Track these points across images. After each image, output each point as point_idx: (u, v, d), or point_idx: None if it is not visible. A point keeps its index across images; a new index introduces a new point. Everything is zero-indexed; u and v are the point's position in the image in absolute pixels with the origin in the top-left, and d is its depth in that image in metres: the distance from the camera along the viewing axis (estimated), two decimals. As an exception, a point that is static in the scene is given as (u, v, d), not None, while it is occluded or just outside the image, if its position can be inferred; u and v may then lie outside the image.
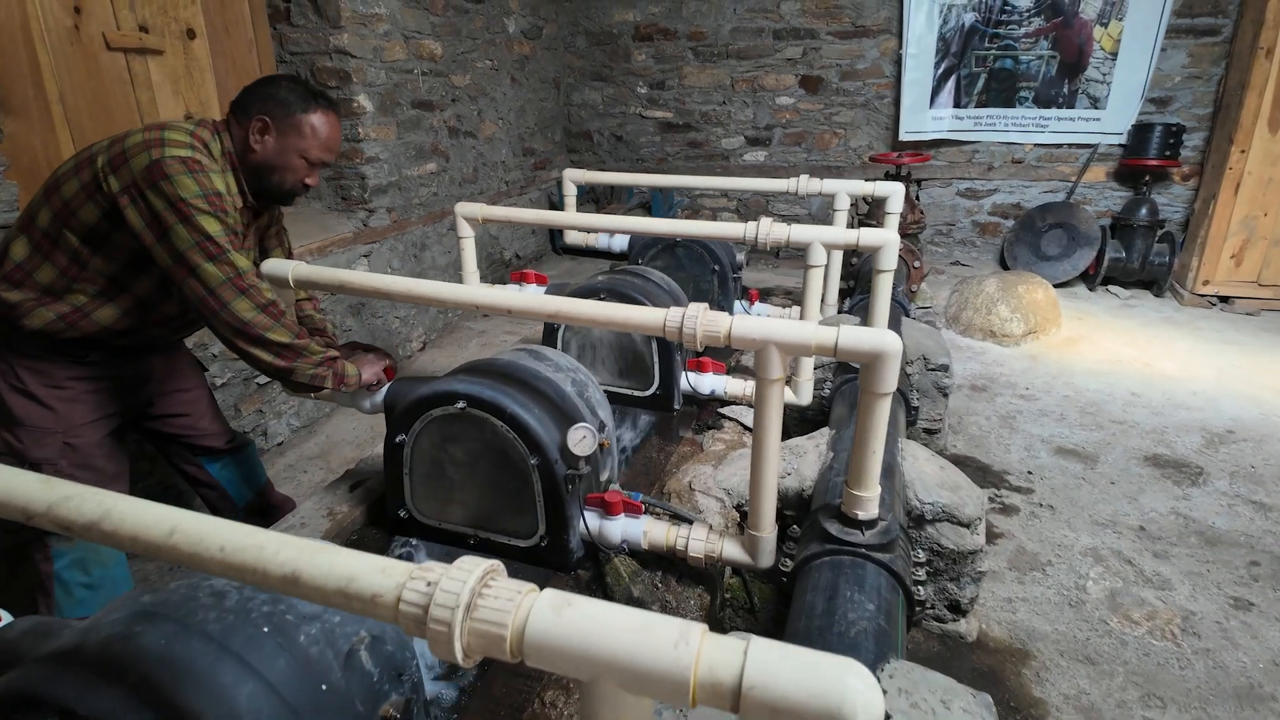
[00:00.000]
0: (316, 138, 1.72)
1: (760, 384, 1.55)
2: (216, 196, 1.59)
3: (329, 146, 1.76)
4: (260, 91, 1.71)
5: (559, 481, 1.71)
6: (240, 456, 2.24)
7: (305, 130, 1.70)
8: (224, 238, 1.59)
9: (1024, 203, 5.02)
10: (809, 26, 4.98)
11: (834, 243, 2.37)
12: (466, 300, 1.73)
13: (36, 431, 1.76)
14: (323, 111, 1.73)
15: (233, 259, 1.61)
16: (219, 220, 1.59)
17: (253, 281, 1.65)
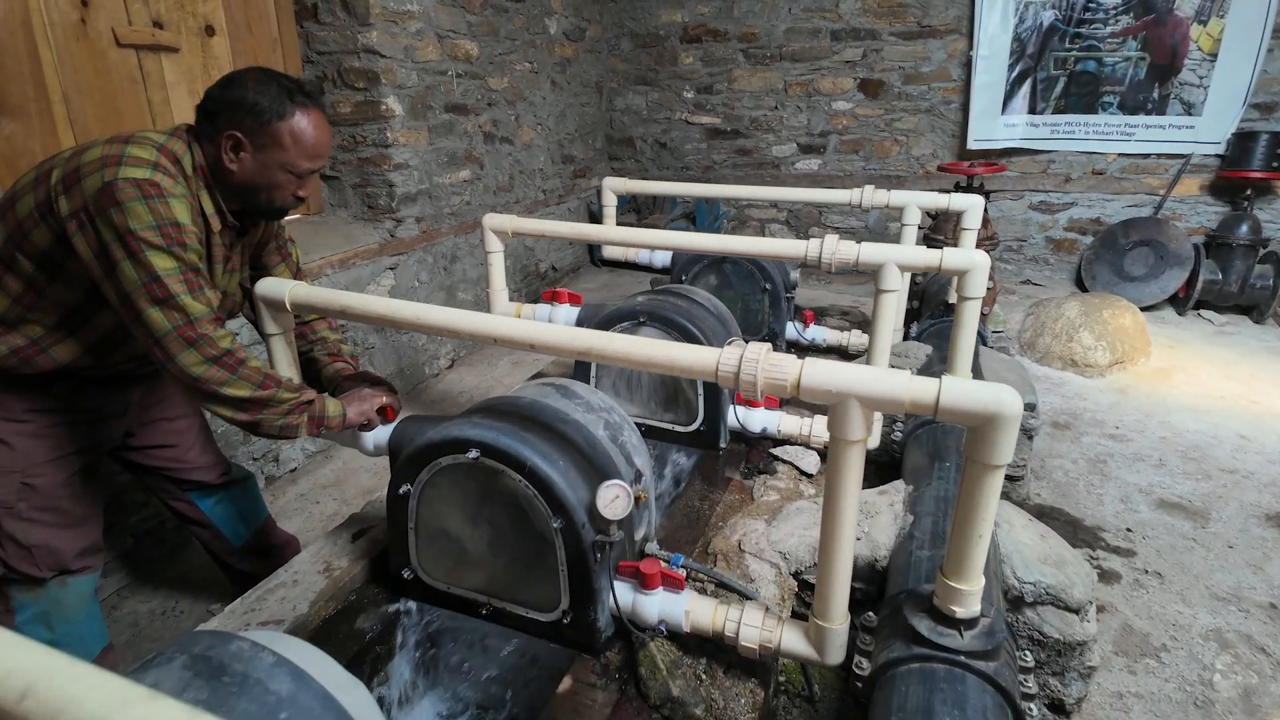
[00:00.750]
0: (300, 146, 1.45)
1: (835, 445, 1.25)
2: (174, 228, 1.34)
3: (316, 153, 1.48)
4: (226, 96, 1.41)
5: (586, 549, 1.44)
6: (236, 491, 2.01)
7: (285, 140, 1.43)
8: (176, 277, 1.35)
9: (1105, 218, 4.59)
10: (870, 27, 4.65)
11: (911, 264, 2.05)
12: (483, 332, 1.47)
13: None
14: (302, 111, 1.44)
15: (183, 303, 1.36)
16: (172, 256, 1.35)
17: (204, 331, 1.40)
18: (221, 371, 1.43)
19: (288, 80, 1.45)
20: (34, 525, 1.57)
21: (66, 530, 1.62)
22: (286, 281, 1.64)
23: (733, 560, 1.82)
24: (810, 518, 1.89)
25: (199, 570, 2.36)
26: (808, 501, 1.98)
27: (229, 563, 2.08)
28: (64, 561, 1.62)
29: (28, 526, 1.57)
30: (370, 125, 3.17)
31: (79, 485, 1.63)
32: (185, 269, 1.36)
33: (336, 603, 1.67)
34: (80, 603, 1.68)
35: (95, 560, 1.70)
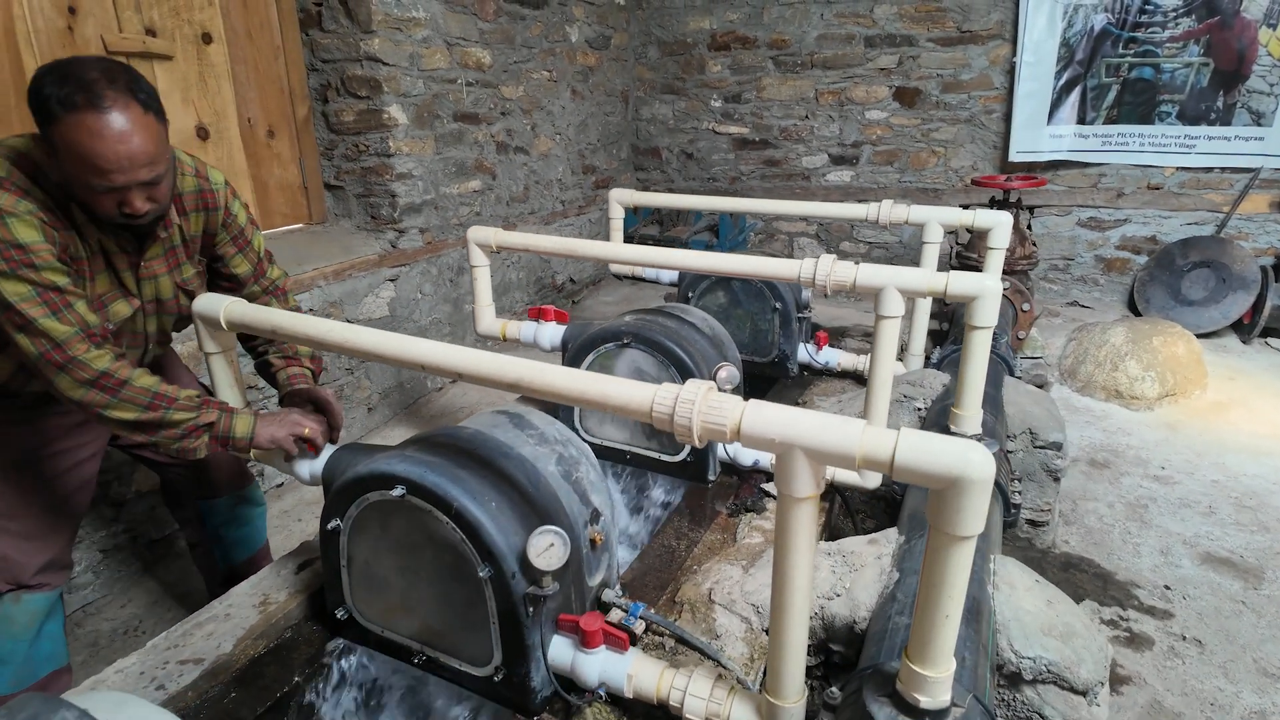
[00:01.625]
0: (78, 159, 1.21)
1: (782, 501, 1.09)
2: (16, 250, 1.24)
3: (100, 167, 1.21)
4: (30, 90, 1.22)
5: (516, 601, 1.31)
6: (245, 514, 1.98)
7: (63, 149, 1.21)
8: (31, 301, 1.27)
9: (1161, 236, 4.26)
10: (906, 32, 4.42)
11: (913, 289, 1.85)
12: (408, 357, 1.35)
13: None
14: (73, 116, 1.18)
15: (44, 328, 1.28)
16: (21, 280, 1.25)
17: (73, 354, 1.31)
18: (101, 394, 1.34)
19: (83, 72, 1.20)
20: None
21: (27, 543, 1.56)
22: (222, 298, 1.55)
23: (700, 611, 1.65)
24: (790, 567, 1.71)
25: (171, 587, 2.30)
26: (791, 547, 1.80)
27: (212, 589, 2.03)
28: (19, 575, 1.56)
29: None
30: (373, 134, 3.11)
31: (50, 494, 1.57)
32: (41, 290, 1.27)
33: (268, 640, 1.56)
34: (32, 621, 1.62)
35: (56, 578, 1.63)
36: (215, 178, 1.58)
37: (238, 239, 1.66)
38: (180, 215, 1.53)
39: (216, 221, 1.60)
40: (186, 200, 1.53)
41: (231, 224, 1.64)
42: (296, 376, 1.70)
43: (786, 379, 2.95)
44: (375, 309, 3.17)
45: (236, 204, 1.64)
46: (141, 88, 1.25)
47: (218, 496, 1.90)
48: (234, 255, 1.67)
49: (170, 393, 1.41)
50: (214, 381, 1.64)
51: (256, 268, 1.70)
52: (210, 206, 1.57)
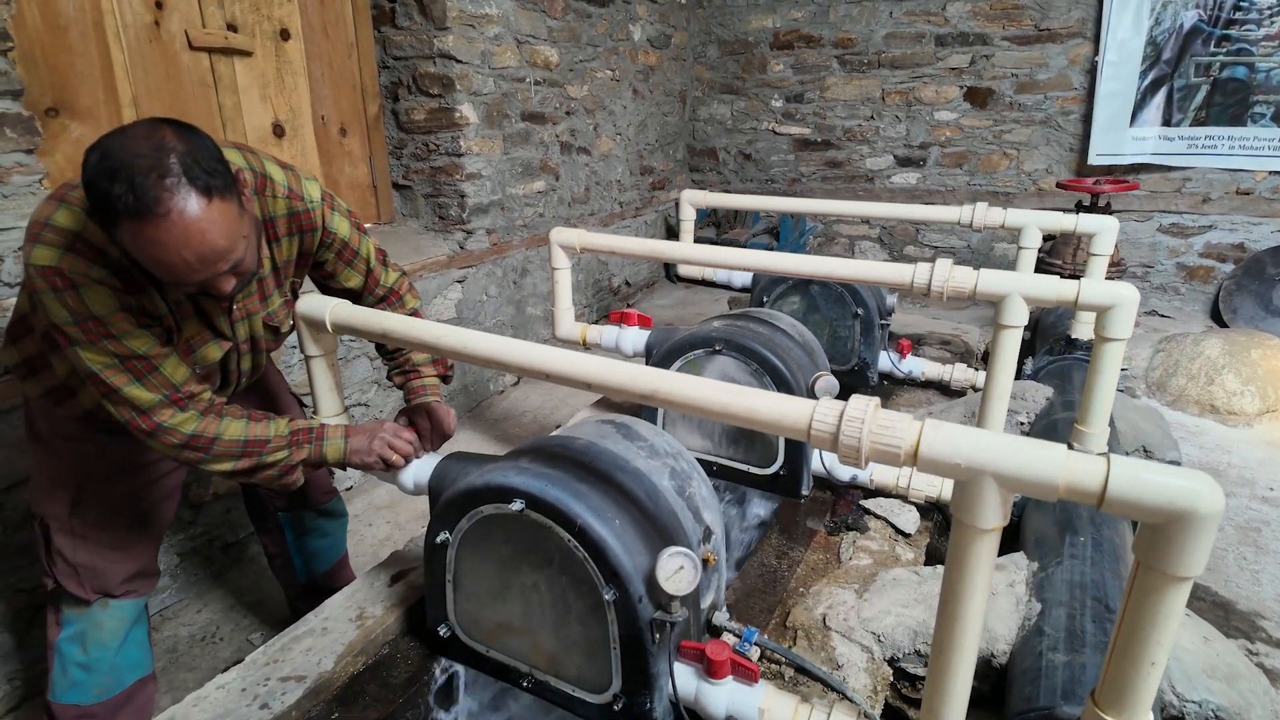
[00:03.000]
0: (147, 262, 1.08)
1: (961, 531, 0.99)
2: (92, 322, 1.15)
3: (175, 274, 1.09)
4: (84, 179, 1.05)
5: (642, 627, 1.22)
6: (326, 525, 1.93)
7: (130, 248, 1.08)
8: (113, 369, 1.20)
9: (1250, 243, 4.06)
10: (980, 31, 4.28)
11: (1040, 297, 1.74)
12: (534, 366, 1.27)
13: (48, 482, 1.47)
14: (135, 224, 1.03)
15: (128, 396, 1.22)
16: (101, 351, 1.19)
17: (159, 420, 1.26)
18: (193, 453, 1.30)
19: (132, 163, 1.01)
20: (83, 543, 1.48)
21: (115, 552, 1.52)
22: (328, 300, 1.49)
23: (816, 639, 1.56)
24: (910, 592, 1.61)
25: (245, 593, 2.26)
26: (906, 570, 1.70)
27: (290, 598, 2.00)
28: (107, 585, 1.52)
29: (77, 543, 1.48)
30: (444, 133, 3.07)
31: (138, 503, 1.53)
32: (122, 359, 1.21)
33: (367, 657, 1.50)
34: (119, 627, 1.58)
35: (144, 585, 1.59)
36: (310, 193, 1.42)
37: (343, 253, 1.54)
38: (271, 241, 1.40)
39: (313, 242, 1.48)
40: (279, 225, 1.39)
41: (333, 242, 1.51)
42: (416, 391, 1.64)
43: (866, 389, 2.84)
44: (444, 310, 3.12)
45: (335, 217, 1.49)
46: (202, 167, 1.06)
47: (301, 509, 1.85)
48: (343, 270, 1.56)
49: (261, 435, 1.35)
50: (313, 386, 1.58)
51: (368, 278, 1.60)
52: (306, 228, 1.44)
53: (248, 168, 1.32)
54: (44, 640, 1.59)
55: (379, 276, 1.62)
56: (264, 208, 1.36)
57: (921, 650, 1.50)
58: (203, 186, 1.06)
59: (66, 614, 1.53)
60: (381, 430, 1.49)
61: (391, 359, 1.69)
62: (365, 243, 1.57)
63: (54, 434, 1.42)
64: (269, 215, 1.37)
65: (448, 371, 1.73)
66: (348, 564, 2.02)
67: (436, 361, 1.70)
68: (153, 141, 1.04)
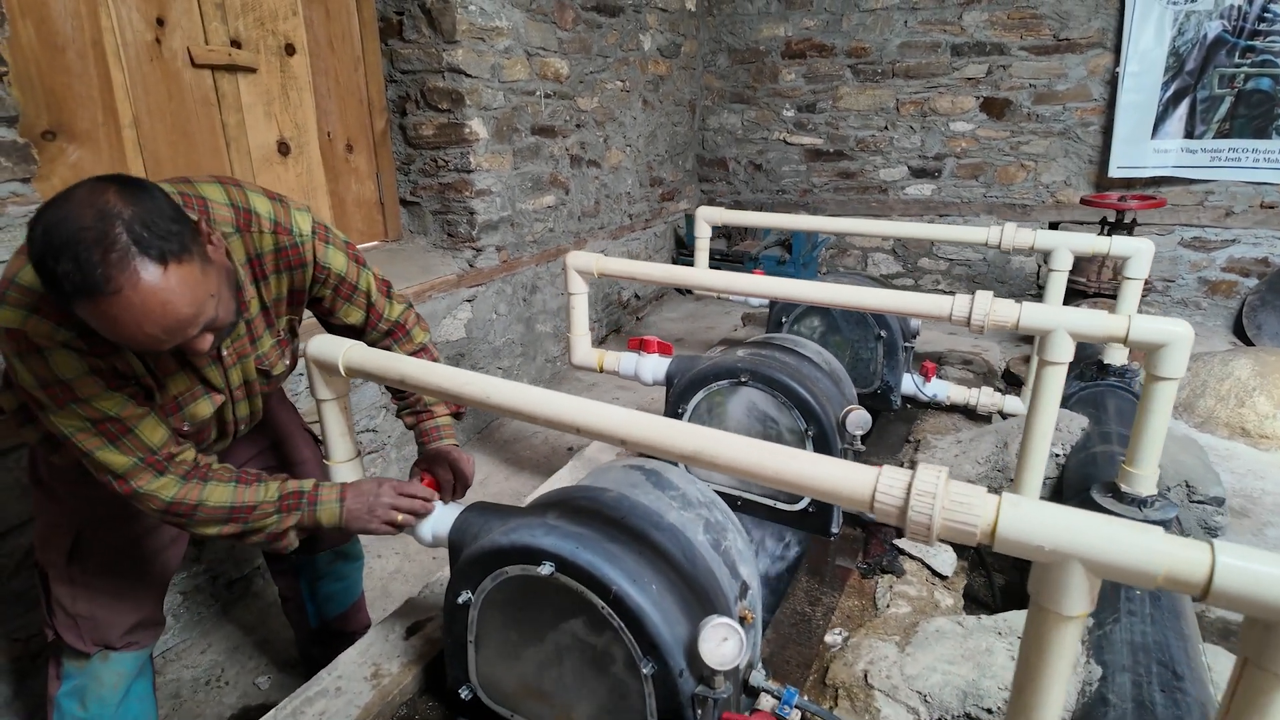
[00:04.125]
0: (109, 335, 0.99)
1: (1041, 617, 0.90)
2: (60, 387, 1.07)
3: (138, 346, 1.01)
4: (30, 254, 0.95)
5: (683, 703, 1.14)
6: (342, 569, 1.84)
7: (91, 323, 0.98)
8: (85, 433, 1.13)
9: (1274, 258, 3.98)
10: (997, 40, 4.19)
11: (1086, 333, 1.66)
12: (565, 419, 1.18)
13: (48, 528, 1.39)
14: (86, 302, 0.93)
15: (101, 461, 1.15)
16: (71, 414, 1.11)
17: (136, 485, 1.18)
18: (175, 518, 1.22)
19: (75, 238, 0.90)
20: (82, 592, 1.39)
21: (117, 601, 1.43)
22: (342, 342, 1.40)
23: (858, 698, 1.47)
24: (955, 647, 1.52)
25: (251, 631, 2.18)
26: (949, 620, 1.61)
27: (302, 642, 1.91)
28: (107, 637, 1.43)
29: (76, 592, 1.39)
30: (453, 149, 2.98)
31: (141, 550, 1.44)
32: (94, 422, 1.12)
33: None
34: (120, 681, 1.49)
35: (146, 636, 1.51)
36: (299, 226, 1.31)
37: (340, 288, 1.43)
38: (259, 279, 1.29)
39: (305, 278, 1.37)
40: (266, 261, 1.28)
41: (328, 277, 1.40)
42: (430, 434, 1.55)
43: (890, 412, 2.76)
44: (453, 330, 3.03)
45: (329, 251, 1.37)
46: (153, 231, 0.94)
47: (316, 552, 1.76)
48: (342, 306, 1.46)
49: (249, 500, 1.26)
50: (325, 431, 1.49)
51: (369, 313, 1.50)
52: (295, 264, 1.33)
53: (228, 204, 1.22)
54: (42, 692, 1.52)
55: (381, 310, 1.51)
56: (249, 244, 1.25)
57: (971, 713, 1.42)
58: (156, 254, 0.94)
59: (67, 667, 1.45)
60: (382, 492, 1.39)
61: (402, 397, 1.60)
62: (365, 275, 1.46)
63: (54, 478, 1.34)
64: (255, 252, 1.27)
65: (460, 409, 1.64)
66: (363, 606, 1.93)
67: None
68: (95, 209, 0.92)
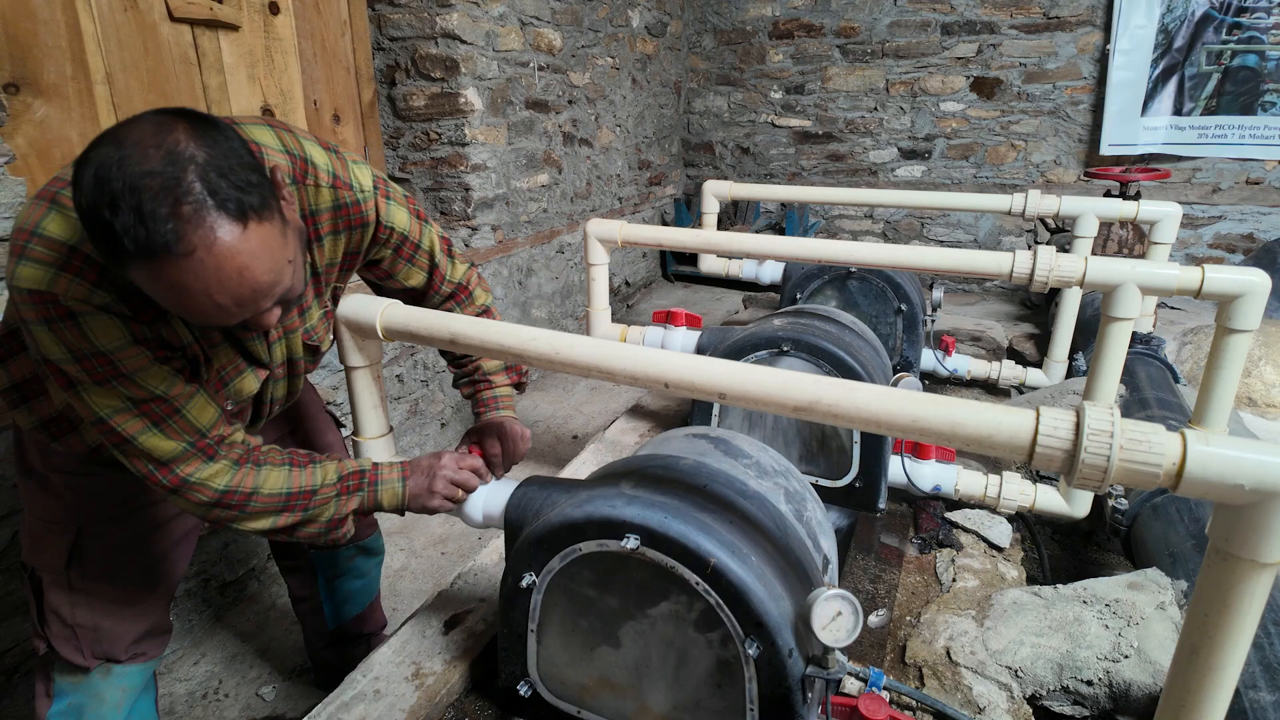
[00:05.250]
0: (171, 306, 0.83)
1: (1232, 566, 0.81)
2: (98, 359, 0.90)
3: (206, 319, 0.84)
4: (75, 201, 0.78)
5: (791, 685, 1.02)
6: (361, 565, 1.68)
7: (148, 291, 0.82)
8: (126, 414, 0.95)
9: (1259, 233, 4.03)
10: (987, 19, 4.18)
11: (1157, 286, 1.59)
12: (655, 375, 1.05)
13: (42, 526, 1.20)
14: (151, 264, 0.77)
15: (144, 447, 0.97)
16: (109, 392, 0.93)
17: (183, 474, 1.00)
18: (226, 511, 1.05)
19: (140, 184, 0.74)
20: (84, 598, 1.21)
21: (124, 608, 1.25)
22: (377, 301, 1.25)
23: (945, 677, 1.37)
24: (1040, 618, 1.43)
25: (250, 639, 1.99)
26: (1024, 593, 1.52)
27: (313, 645, 1.74)
28: (112, 648, 1.24)
29: (76, 599, 1.21)
30: (447, 120, 2.82)
31: (149, 550, 1.26)
32: (137, 402, 0.95)
33: (430, 725, 1.27)
34: (124, 699, 1.30)
35: (154, 646, 1.32)
36: (359, 180, 1.14)
37: (402, 248, 1.27)
38: (312, 241, 1.12)
39: (363, 239, 1.20)
40: (322, 221, 1.11)
41: (390, 236, 1.24)
42: (487, 404, 1.40)
43: (910, 389, 2.68)
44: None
45: (391, 207, 1.22)
46: (232, 181, 0.79)
47: (336, 546, 1.59)
48: (403, 268, 1.29)
49: (307, 484, 1.10)
50: (354, 402, 1.34)
51: (433, 274, 1.34)
52: (355, 224, 1.16)
53: (283, 150, 1.04)
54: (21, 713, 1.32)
55: (445, 271, 1.35)
56: (304, 200, 1.07)
57: (1069, 686, 1.33)
58: (235, 209, 0.79)
59: (60, 683, 1.26)
60: (441, 466, 1.24)
61: (459, 365, 1.45)
62: (428, 233, 1.30)
63: (50, 469, 1.15)
64: (310, 209, 1.09)
65: (522, 379, 1.49)
66: (379, 605, 1.76)
67: (510, 368, 1.46)
68: (164, 150, 0.76)
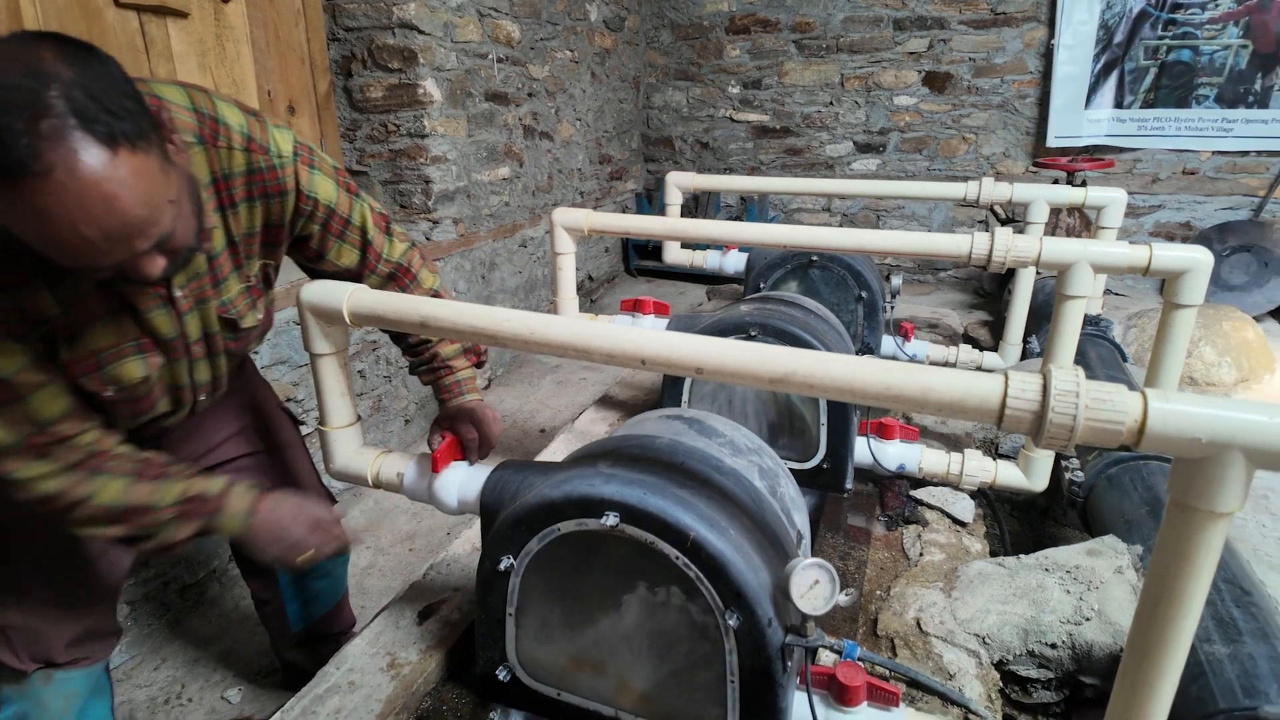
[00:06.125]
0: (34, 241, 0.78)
1: (1187, 516, 0.84)
2: None
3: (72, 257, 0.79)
4: None
5: (771, 655, 1.03)
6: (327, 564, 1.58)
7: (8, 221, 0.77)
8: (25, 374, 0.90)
9: (1195, 221, 4.21)
10: (937, 15, 4.28)
11: (1109, 264, 1.65)
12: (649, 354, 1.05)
13: None
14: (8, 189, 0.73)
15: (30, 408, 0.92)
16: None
17: (9, 470, 0.95)
18: (53, 513, 0.99)
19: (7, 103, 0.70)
20: (14, 599, 1.16)
21: (59, 609, 1.20)
22: (344, 286, 1.22)
23: (916, 646, 1.40)
24: (1005, 587, 1.47)
25: (211, 642, 1.93)
26: (987, 563, 1.57)
27: (278, 647, 1.68)
28: (49, 651, 1.19)
29: (5, 600, 1.16)
30: (405, 112, 2.78)
31: (82, 550, 1.21)
32: (24, 364, 0.91)
33: (409, 713, 1.25)
34: (69, 705, 1.25)
35: (99, 649, 1.27)
36: (278, 145, 1.08)
37: (330, 223, 1.20)
38: (226, 207, 1.06)
39: (284, 210, 1.12)
40: (235, 185, 1.05)
41: (315, 210, 1.16)
42: (451, 390, 1.34)
43: (872, 374, 2.74)
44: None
45: (316, 177, 1.14)
46: (102, 104, 0.74)
47: None
48: (334, 245, 1.23)
49: (143, 501, 1.02)
50: (320, 390, 1.30)
51: (366, 252, 1.27)
52: (273, 191, 1.09)
53: (190, 109, 0.99)
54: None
55: (380, 249, 1.28)
56: (215, 162, 1.02)
57: (1034, 650, 1.37)
58: (104, 132, 0.74)
59: (4, 691, 1.21)
60: (317, 514, 1.20)
61: (415, 353, 1.38)
62: (359, 207, 1.23)
63: None
64: (223, 171, 1.03)
65: (481, 357, 1.46)
66: (347, 603, 1.73)
67: (468, 350, 1.42)
68: (25, 65, 0.72)
